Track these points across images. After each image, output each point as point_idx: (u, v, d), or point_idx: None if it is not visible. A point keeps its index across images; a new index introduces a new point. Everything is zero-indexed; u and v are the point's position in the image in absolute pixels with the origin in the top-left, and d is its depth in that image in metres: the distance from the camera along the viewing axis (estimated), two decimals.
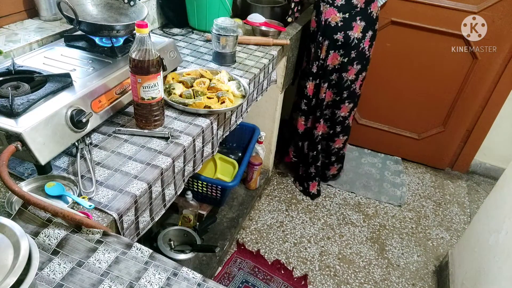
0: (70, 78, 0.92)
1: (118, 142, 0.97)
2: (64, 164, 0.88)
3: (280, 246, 1.94)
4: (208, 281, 0.65)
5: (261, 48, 1.62)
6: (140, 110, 0.98)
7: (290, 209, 2.17)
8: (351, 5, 1.74)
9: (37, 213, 0.68)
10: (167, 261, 0.67)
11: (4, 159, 0.70)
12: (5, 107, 0.78)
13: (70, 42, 1.11)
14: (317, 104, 2.02)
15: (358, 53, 1.86)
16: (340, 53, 1.84)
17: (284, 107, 2.13)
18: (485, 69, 2.17)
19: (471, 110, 2.33)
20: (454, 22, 2.07)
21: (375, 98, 2.46)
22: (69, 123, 0.85)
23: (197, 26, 1.70)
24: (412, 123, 2.51)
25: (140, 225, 0.87)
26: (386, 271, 1.88)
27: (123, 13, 1.18)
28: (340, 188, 2.35)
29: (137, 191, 0.83)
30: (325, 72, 1.91)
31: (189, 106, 1.10)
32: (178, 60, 1.26)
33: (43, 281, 0.61)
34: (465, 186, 2.51)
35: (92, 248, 0.67)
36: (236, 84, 1.25)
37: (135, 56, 0.90)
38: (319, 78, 1.95)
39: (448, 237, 2.11)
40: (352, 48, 1.83)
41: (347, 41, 1.80)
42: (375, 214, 2.20)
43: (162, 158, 0.93)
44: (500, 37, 2.05)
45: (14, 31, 1.16)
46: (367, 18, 1.79)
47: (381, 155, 2.66)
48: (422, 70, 2.29)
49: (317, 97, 2.00)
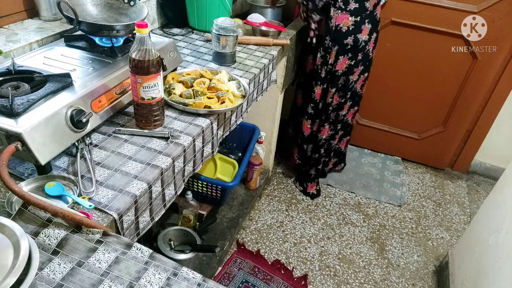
0: (70, 78, 0.92)
1: (118, 142, 0.97)
2: (64, 164, 0.88)
3: (280, 246, 1.94)
4: (208, 281, 0.65)
5: (261, 48, 1.62)
6: (140, 110, 0.98)
7: (290, 209, 2.17)
8: (363, 8, 1.73)
9: (37, 213, 0.68)
10: (167, 261, 0.67)
11: (4, 159, 0.70)
12: (5, 107, 0.78)
13: (70, 42, 1.11)
14: (323, 108, 2.02)
15: (363, 55, 1.86)
16: (349, 56, 1.84)
17: (284, 107, 2.13)
18: (485, 69, 2.17)
19: (471, 110, 2.33)
20: (454, 22, 2.07)
21: (375, 98, 2.46)
22: (69, 123, 0.85)
23: (197, 26, 1.70)
24: (412, 123, 2.51)
25: (140, 225, 0.87)
26: (386, 271, 1.88)
27: (123, 13, 1.18)
28: (340, 188, 2.35)
29: (137, 191, 0.83)
30: (334, 77, 1.90)
31: (189, 106, 1.10)
32: (178, 60, 1.26)
33: (43, 281, 0.61)
34: (465, 186, 2.51)
35: (92, 248, 0.67)
36: (236, 84, 1.25)
37: (135, 56, 0.90)
38: (327, 83, 1.94)
39: (448, 237, 2.11)
40: (360, 50, 1.83)
41: (355, 44, 1.80)
42: (375, 214, 2.20)
43: (162, 158, 0.93)
44: (500, 37, 2.05)
45: (14, 31, 1.16)
46: (373, 20, 1.80)
47: (381, 155, 2.66)
48: (422, 70, 2.29)
49: (324, 101, 2.00)
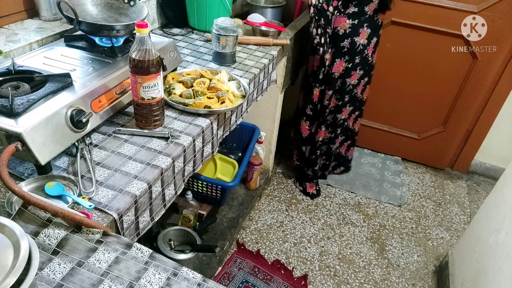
0: (70, 78, 0.92)
1: (118, 142, 0.96)
2: (64, 164, 0.88)
3: (280, 246, 1.94)
4: (208, 281, 0.65)
5: (261, 48, 1.62)
6: (140, 110, 0.98)
7: (290, 209, 2.17)
8: (362, 12, 1.75)
9: (37, 213, 0.68)
10: (167, 261, 0.67)
11: (4, 159, 0.70)
12: (5, 107, 0.78)
13: (70, 42, 1.11)
14: (321, 110, 2.03)
15: (362, 59, 1.87)
16: (345, 59, 1.85)
17: (284, 107, 2.13)
18: (485, 69, 2.17)
19: (471, 110, 2.33)
20: (454, 22, 2.07)
21: (375, 98, 2.46)
22: (69, 123, 0.85)
23: (197, 26, 1.70)
24: (412, 123, 2.51)
25: (140, 225, 0.87)
26: (386, 271, 1.88)
27: (123, 13, 1.18)
28: (340, 188, 2.35)
29: (137, 191, 0.83)
30: (331, 80, 1.91)
31: (189, 106, 1.10)
32: (178, 60, 1.26)
33: (43, 281, 0.61)
34: (465, 186, 2.51)
35: (92, 248, 0.67)
36: (236, 84, 1.25)
37: (135, 56, 0.90)
38: (324, 85, 1.96)
39: (448, 237, 2.11)
40: (357, 54, 1.84)
41: (352, 47, 1.81)
42: (375, 214, 2.20)
43: (162, 158, 0.93)
44: (500, 37, 2.05)
45: (14, 31, 1.16)
46: (373, 25, 1.80)
47: (381, 155, 2.66)
48: (422, 70, 2.28)
49: (321, 103, 2.01)
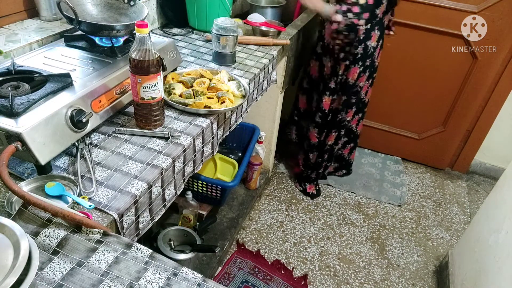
0: (70, 78, 0.92)
1: (118, 142, 0.96)
2: (64, 164, 0.88)
3: (280, 246, 1.94)
4: (208, 281, 0.65)
5: (261, 48, 1.62)
6: (140, 110, 0.98)
7: (290, 209, 2.17)
8: (374, 16, 1.73)
9: (37, 213, 0.68)
10: (167, 261, 0.67)
11: (4, 159, 0.70)
12: (5, 107, 0.78)
13: (70, 42, 1.11)
14: (332, 118, 2.01)
15: (371, 61, 1.86)
16: (359, 64, 1.83)
17: (284, 107, 2.13)
18: (485, 69, 2.17)
19: (471, 110, 2.33)
20: (454, 22, 2.07)
21: (375, 98, 2.45)
22: (69, 123, 0.85)
23: (197, 26, 1.70)
24: (412, 123, 2.51)
25: (140, 225, 0.87)
26: (386, 271, 1.88)
27: (123, 13, 1.18)
28: (340, 188, 2.35)
29: (137, 191, 0.83)
30: (346, 87, 1.89)
31: (189, 106, 1.10)
32: (178, 60, 1.26)
33: (43, 281, 0.61)
34: (465, 186, 2.51)
35: (92, 248, 0.67)
36: (236, 84, 1.25)
37: (135, 56, 0.90)
38: (336, 93, 1.94)
39: (448, 237, 2.11)
40: (368, 57, 1.82)
41: (365, 51, 1.79)
42: (375, 214, 2.20)
43: (162, 158, 0.93)
44: (500, 37, 2.05)
45: (14, 31, 1.16)
46: (381, 27, 1.80)
47: (381, 155, 2.66)
48: (422, 70, 2.29)
49: (332, 111, 1.99)
